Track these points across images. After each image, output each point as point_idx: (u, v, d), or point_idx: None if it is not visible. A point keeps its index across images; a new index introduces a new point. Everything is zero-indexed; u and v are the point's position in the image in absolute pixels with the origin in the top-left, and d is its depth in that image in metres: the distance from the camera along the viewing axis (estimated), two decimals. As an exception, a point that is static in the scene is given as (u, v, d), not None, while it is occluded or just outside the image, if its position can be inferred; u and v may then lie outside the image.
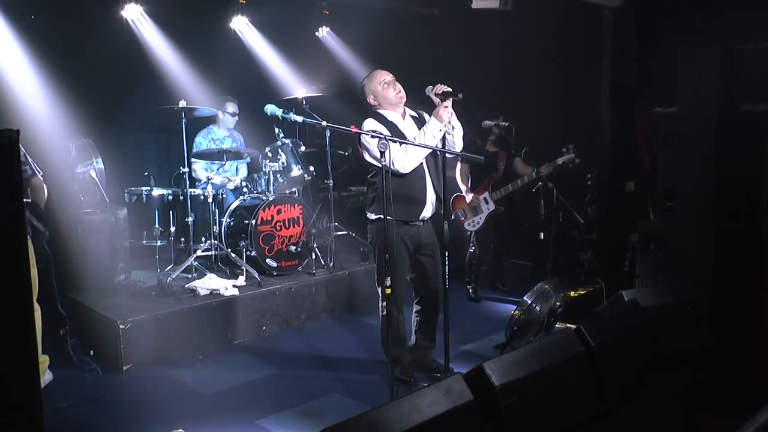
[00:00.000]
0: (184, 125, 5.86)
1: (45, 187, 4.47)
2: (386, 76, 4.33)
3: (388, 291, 3.82)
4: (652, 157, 5.97)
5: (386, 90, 4.30)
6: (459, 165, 6.33)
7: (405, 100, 4.35)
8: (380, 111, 4.37)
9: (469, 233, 6.38)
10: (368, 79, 4.39)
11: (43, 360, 4.51)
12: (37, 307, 4.45)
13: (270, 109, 3.79)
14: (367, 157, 4.25)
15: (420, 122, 4.34)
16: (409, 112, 4.42)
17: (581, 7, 6.11)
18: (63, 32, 6.13)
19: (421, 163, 4.31)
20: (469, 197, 6.26)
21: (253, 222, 5.82)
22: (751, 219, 4.81)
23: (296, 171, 6.31)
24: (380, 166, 3.69)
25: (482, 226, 6.25)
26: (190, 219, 5.84)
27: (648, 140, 6.07)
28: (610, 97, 6.37)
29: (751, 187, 4.78)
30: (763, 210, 4.76)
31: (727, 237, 4.72)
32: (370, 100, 4.38)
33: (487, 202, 6.20)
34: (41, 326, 4.51)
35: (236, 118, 6.74)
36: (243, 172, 6.95)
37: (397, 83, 4.31)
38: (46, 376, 4.54)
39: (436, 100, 4.15)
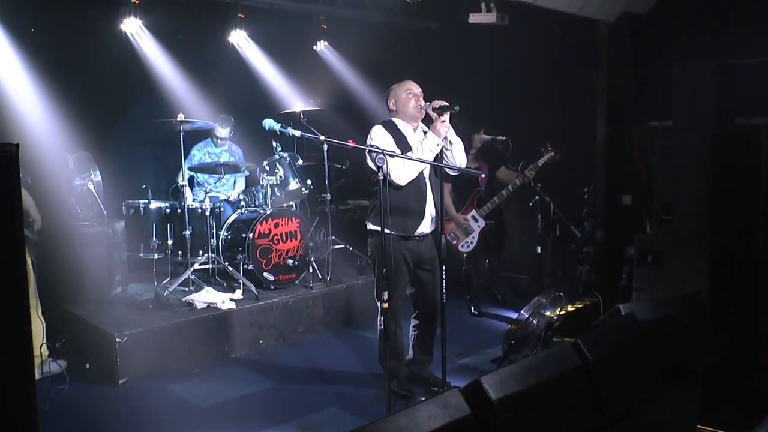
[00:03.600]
0: (182, 138, 5.87)
1: (26, 193, 4.50)
2: (415, 88, 4.37)
3: (385, 305, 3.82)
4: (649, 171, 5.99)
5: (408, 100, 4.34)
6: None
7: (422, 117, 4.37)
8: (394, 119, 4.41)
9: (464, 255, 6.33)
10: (397, 85, 4.43)
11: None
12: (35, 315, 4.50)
13: (268, 123, 3.81)
14: (369, 163, 4.25)
15: None
16: (422, 126, 4.44)
17: (577, 22, 6.15)
18: (62, 45, 6.15)
19: (423, 178, 4.34)
20: (459, 219, 6.18)
21: (251, 235, 5.82)
22: (747, 231, 4.82)
23: (294, 184, 6.32)
24: (379, 174, 3.71)
25: (476, 244, 6.20)
26: (188, 232, 5.85)
27: (644, 154, 6.09)
28: (606, 110, 6.40)
29: (747, 199, 4.80)
30: (760, 222, 4.78)
31: (723, 250, 4.73)
32: (390, 104, 4.43)
33: (476, 220, 6.16)
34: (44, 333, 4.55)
35: (226, 138, 6.76)
36: (241, 185, 6.96)
37: (421, 98, 4.34)
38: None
39: (434, 115, 4.18)
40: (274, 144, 6.33)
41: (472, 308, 6.50)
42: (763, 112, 4.88)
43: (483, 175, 6.29)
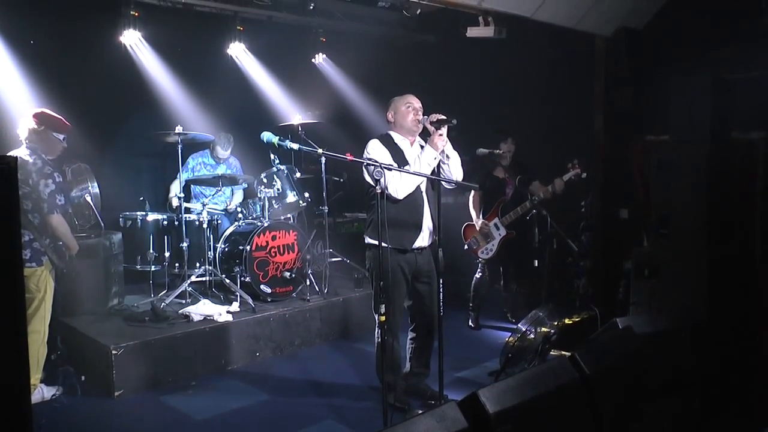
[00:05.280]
0: (179, 151, 5.88)
1: (61, 220, 4.50)
2: (414, 102, 4.39)
3: (382, 318, 3.82)
4: (646, 185, 6.01)
5: (407, 113, 4.36)
6: (472, 193, 6.33)
7: (420, 130, 4.39)
8: (391, 133, 4.43)
9: (481, 261, 6.34)
10: (399, 97, 4.46)
11: (35, 380, 4.51)
12: (44, 330, 4.50)
13: (266, 136, 3.82)
14: (366, 177, 4.27)
15: None
16: (419, 141, 4.46)
17: (574, 36, 6.19)
18: (62, 57, 6.16)
19: (420, 192, 4.35)
20: (479, 224, 6.23)
21: (248, 248, 5.81)
22: (744, 244, 4.83)
23: (291, 197, 6.33)
24: (377, 188, 3.73)
25: (495, 252, 6.23)
26: (185, 244, 5.85)
27: (641, 168, 6.12)
28: (603, 124, 6.43)
29: (743, 212, 4.81)
30: (756, 235, 4.79)
31: (720, 262, 4.73)
32: (389, 115, 4.46)
33: (498, 228, 6.18)
34: (46, 350, 4.58)
35: (226, 156, 6.78)
36: (238, 197, 6.96)
37: (420, 113, 4.36)
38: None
39: (431, 128, 4.20)
40: (272, 156, 6.34)
41: (470, 321, 6.50)
42: (760, 127, 4.91)
43: (509, 188, 6.33)
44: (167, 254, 5.99)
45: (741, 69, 5.17)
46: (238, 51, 7.07)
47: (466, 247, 6.32)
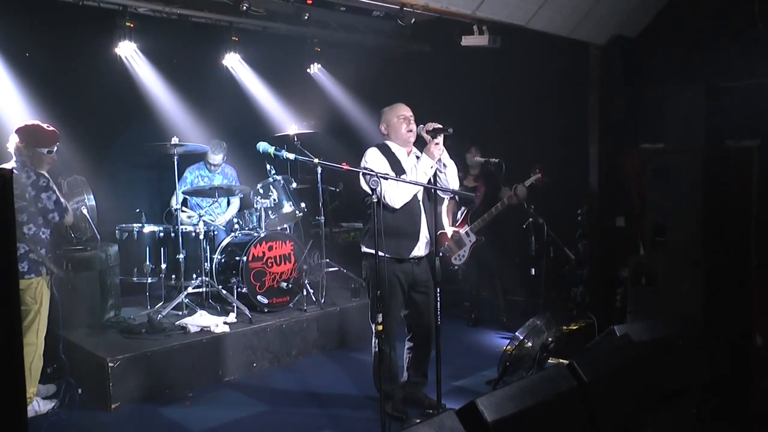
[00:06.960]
0: (176, 162, 5.88)
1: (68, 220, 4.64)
2: (405, 112, 4.40)
3: (380, 327, 3.81)
4: (641, 193, 6.02)
5: (400, 124, 4.36)
6: (446, 201, 6.37)
7: (414, 139, 4.39)
8: (387, 143, 4.43)
9: (456, 267, 6.41)
10: (388, 109, 4.47)
11: (31, 393, 4.48)
12: (40, 343, 4.48)
13: (262, 146, 3.82)
14: (363, 185, 4.26)
15: None
16: (415, 151, 4.46)
17: (569, 45, 6.21)
18: (57, 69, 6.16)
19: (418, 201, 4.35)
20: (450, 232, 6.30)
21: (245, 258, 5.81)
22: (739, 251, 4.84)
23: (288, 207, 6.32)
24: (373, 197, 3.73)
25: (467, 258, 6.29)
26: (181, 256, 5.83)
27: (637, 176, 6.13)
28: (598, 133, 6.46)
29: (738, 219, 4.83)
30: (751, 242, 4.80)
31: (716, 270, 4.74)
32: (382, 128, 4.47)
33: (468, 235, 6.23)
34: (41, 363, 4.57)
35: (219, 164, 6.78)
36: (235, 206, 6.96)
37: (412, 122, 4.36)
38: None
39: (428, 137, 4.20)
40: (268, 167, 6.34)
41: (472, 316, 6.68)
42: (753, 134, 4.93)
43: (478, 195, 6.38)
44: (164, 266, 5.98)
45: (735, 77, 5.20)
46: (233, 62, 7.07)
47: (440, 254, 6.36)
